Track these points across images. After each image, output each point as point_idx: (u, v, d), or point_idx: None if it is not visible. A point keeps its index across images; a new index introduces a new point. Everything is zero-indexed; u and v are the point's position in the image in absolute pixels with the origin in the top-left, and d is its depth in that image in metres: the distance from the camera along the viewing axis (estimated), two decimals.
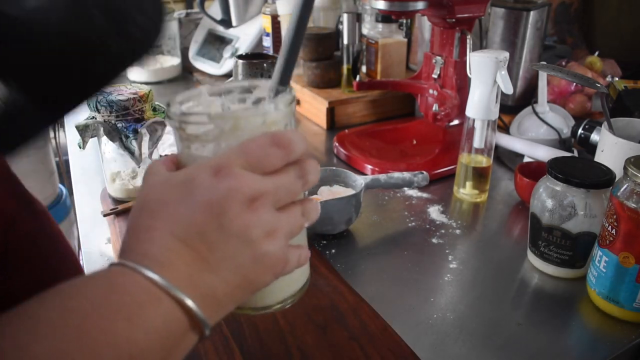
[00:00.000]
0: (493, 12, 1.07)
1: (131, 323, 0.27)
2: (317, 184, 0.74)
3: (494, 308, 0.57)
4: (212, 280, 0.30)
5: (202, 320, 0.30)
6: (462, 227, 0.72)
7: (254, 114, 0.34)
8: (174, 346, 0.29)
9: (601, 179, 0.57)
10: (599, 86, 0.70)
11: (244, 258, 0.31)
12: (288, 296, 0.40)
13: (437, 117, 0.94)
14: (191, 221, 0.30)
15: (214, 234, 0.30)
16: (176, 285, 0.29)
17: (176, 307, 0.29)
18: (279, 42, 1.27)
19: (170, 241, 0.29)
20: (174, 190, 0.31)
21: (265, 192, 0.31)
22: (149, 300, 0.28)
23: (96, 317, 0.26)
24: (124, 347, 0.26)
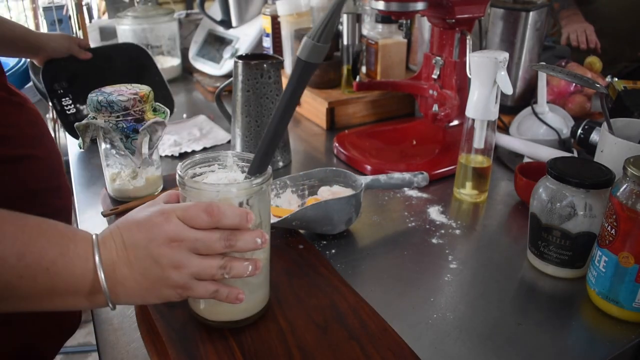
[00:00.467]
0: (492, 12, 1.07)
1: (62, 256, 0.40)
2: (317, 184, 0.74)
3: (493, 308, 0.57)
4: (126, 273, 0.42)
5: (105, 291, 0.42)
6: (462, 227, 0.72)
7: (209, 189, 0.46)
8: (68, 293, 0.41)
9: (601, 179, 0.57)
10: (599, 86, 0.70)
11: (153, 272, 0.43)
12: (241, 319, 0.52)
13: (437, 117, 0.94)
14: (135, 236, 0.43)
15: (141, 249, 0.43)
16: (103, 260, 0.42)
17: (91, 270, 0.41)
18: (279, 43, 1.27)
19: (119, 239, 0.43)
20: (143, 215, 0.44)
21: (184, 238, 0.43)
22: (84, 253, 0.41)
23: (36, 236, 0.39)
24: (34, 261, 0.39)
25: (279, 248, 0.66)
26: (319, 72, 1.12)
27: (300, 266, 0.62)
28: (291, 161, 0.94)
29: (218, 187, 0.46)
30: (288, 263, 0.63)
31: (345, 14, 1.06)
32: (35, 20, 2.54)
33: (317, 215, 0.64)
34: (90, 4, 1.99)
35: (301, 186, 0.74)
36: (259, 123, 0.86)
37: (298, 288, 0.58)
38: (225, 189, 0.45)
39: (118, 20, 1.42)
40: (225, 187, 0.46)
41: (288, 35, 1.21)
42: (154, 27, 1.42)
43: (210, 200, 0.45)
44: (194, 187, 0.46)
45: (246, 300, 0.50)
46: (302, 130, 1.09)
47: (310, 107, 1.14)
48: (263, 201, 0.48)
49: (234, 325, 0.52)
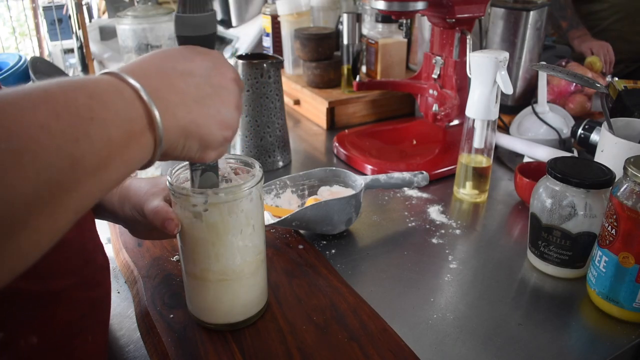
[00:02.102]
0: (493, 12, 1.07)
1: (104, 110, 0.31)
2: (317, 184, 0.74)
3: (494, 308, 0.57)
4: (176, 100, 0.36)
5: (159, 125, 0.34)
6: (462, 227, 0.72)
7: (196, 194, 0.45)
8: (126, 141, 0.33)
9: (601, 179, 0.57)
10: (599, 86, 0.70)
11: (211, 102, 0.38)
12: (239, 320, 0.52)
13: (437, 117, 0.94)
14: (190, 65, 0.38)
15: (200, 77, 0.38)
16: (148, 91, 0.34)
17: (140, 107, 0.34)
18: (279, 42, 1.27)
19: (153, 67, 0.37)
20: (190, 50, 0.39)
21: (241, 86, 0.41)
22: (122, 96, 0.33)
23: (76, 93, 0.30)
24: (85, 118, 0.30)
25: (279, 248, 0.66)
26: (319, 72, 1.12)
27: (300, 266, 0.62)
28: (291, 161, 0.94)
29: (207, 192, 0.45)
30: (288, 263, 0.63)
31: (345, 14, 1.06)
32: (35, 20, 2.54)
33: (317, 215, 0.64)
34: (90, 3, 1.99)
35: (301, 186, 0.74)
36: (259, 123, 0.86)
37: (298, 288, 0.58)
38: (214, 195, 0.45)
39: (118, 20, 1.42)
40: (213, 192, 0.45)
41: (288, 35, 1.21)
42: (154, 27, 1.42)
43: (197, 206, 0.45)
44: (182, 193, 0.45)
45: (244, 302, 0.51)
46: (302, 130, 1.09)
47: (310, 106, 1.14)
48: (253, 205, 0.48)
49: (231, 327, 0.52)
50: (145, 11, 1.41)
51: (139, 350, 0.53)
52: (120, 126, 0.32)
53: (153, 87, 0.35)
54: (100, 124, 0.30)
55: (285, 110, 0.90)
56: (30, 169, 0.26)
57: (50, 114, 0.28)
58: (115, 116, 0.32)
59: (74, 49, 1.44)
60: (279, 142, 0.89)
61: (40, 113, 0.27)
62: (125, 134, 0.32)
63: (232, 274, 0.49)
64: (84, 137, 0.29)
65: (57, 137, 0.28)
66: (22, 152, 0.26)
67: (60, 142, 0.28)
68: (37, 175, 0.26)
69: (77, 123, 0.29)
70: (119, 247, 0.67)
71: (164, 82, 0.36)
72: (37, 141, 0.27)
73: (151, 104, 0.34)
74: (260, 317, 0.53)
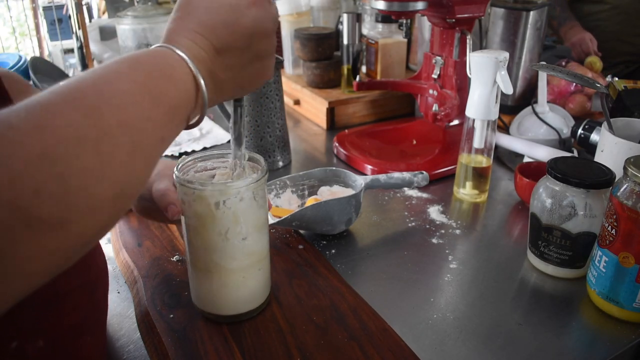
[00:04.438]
0: (493, 12, 1.07)
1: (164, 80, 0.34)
2: (317, 184, 0.74)
3: (494, 308, 0.57)
4: (223, 78, 0.39)
5: (203, 91, 0.37)
6: (462, 227, 0.72)
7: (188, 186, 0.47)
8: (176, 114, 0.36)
9: (601, 179, 0.57)
10: (599, 86, 0.70)
11: (254, 67, 0.41)
12: (243, 312, 0.53)
13: (437, 117, 0.94)
14: (229, 38, 0.39)
15: (243, 49, 0.39)
16: (195, 63, 0.36)
17: (190, 80, 0.36)
18: (279, 42, 1.27)
19: (208, 46, 0.38)
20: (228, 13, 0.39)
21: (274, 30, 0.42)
22: (175, 67, 0.35)
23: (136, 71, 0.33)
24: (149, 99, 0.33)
25: (279, 248, 0.66)
26: (319, 72, 1.12)
27: (300, 266, 0.62)
28: (291, 161, 0.94)
29: (195, 185, 0.46)
30: (288, 263, 0.63)
31: (345, 14, 1.06)
32: (35, 20, 2.54)
33: (317, 215, 0.64)
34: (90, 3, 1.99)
35: (301, 186, 0.74)
36: (259, 123, 0.86)
37: (298, 288, 0.58)
38: (201, 188, 0.46)
39: (118, 20, 1.42)
40: (202, 185, 0.46)
41: (288, 35, 1.21)
42: (154, 27, 1.42)
43: (188, 196, 0.47)
44: (180, 183, 0.47)
45: (248, 293, 0.52)
46: (302, 130, 1.09)
47: (310, 106, 1.14)
48: (245, 205, 0.48)
49: (235, 319, 0.52)
50: (145, 11, 1.41)
51: (139, 350, 0.53)
52: (186, 107, 0.36)
53: (207, 69, 0.38)
54: (181, 110, 0.35)
55: (285, 110, 0.90)
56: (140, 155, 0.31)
57: (151, 104, 0.32)
58: (186, 101, 0.36)
59: (74, 49, 1.44)
60: (279, 142, 0.89)
61: (145, 105, 0.32)
62: (186, 111, 0.37)
63: (234, 265, 0.50)
64: (169, 122, 0.34)
65: (158, 127, 0.33)
66: (135, 143, 0.30)
67: (157, 129, 0.33)
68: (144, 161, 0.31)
69: (169, 111, 0.34)
70: (118, 247, 0.67)
71: (214, 62, 0.39)
72: (141, 128, 0.31)
73: (202, 87, 0.37)
74: (262, 314, 0.53)
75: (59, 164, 0.25)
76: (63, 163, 0.26)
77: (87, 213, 0.27)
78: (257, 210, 0.49)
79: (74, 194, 0.26)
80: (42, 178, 0.25)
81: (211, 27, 0.38)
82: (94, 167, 0.27)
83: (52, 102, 0.27)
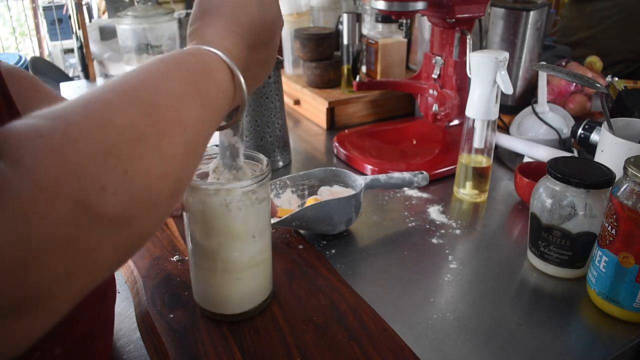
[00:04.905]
0: (493, 12, 1.07)
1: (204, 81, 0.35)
2: (317, 184, 0.74)
3: (494, 308, 0.57)
4: (248, 74, 0.39)
5: (244, 91, 0.38)
6: (462, 227, 0.72)
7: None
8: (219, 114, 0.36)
9: (601, 179, 0.57)
10: (599, 86, 0.70)
11: (269, 64, 0.43)
12: (255, 306, 0.53)
13: (437, 117, 0.94)
14: (259, 35, 0.40)
15: (266, 45, 0.41)
16: (233, 60, 0.37)
17: (230, 79, 0.37)
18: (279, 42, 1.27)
19: (242, 43, 0.39)
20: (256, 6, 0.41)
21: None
22: (215, 68, 0.36)
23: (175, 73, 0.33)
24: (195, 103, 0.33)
25: (279, 248, 0.66)
26: (319, 72, 1.12)
27: (300, 266, 0.62)
28: (291, 161, 0.94)
29: (200, 183, 0.47)
30: (288, 263, 0.63)
31: (345, 14, 1.06)
32: (35, 20, 2.54)
33: (317, 215, 0.64)
34: (90, 3, 1.99)
35: (301, 186, 0.74)
36: (258, 123, 0.86)
37: (298, 288, 0.58)
38: (206, 187, 0.46)
39: (118, 20, 1.42)
40: (207, 184, 0.46)
41: (288, 35, 1.21)
42: (154, 27, 1.42)
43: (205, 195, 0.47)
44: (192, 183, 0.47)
45: (251, 291, 0.52)
46: (302, 130, 1.09)
47: (310, 106, 1.14)
48: (249, 205, 0.48)
49: (237, 318, 0.52)
50: (145, 11, 1.41)
51: (139, 350, 0.53)
52: (226, 106, 0.37)
53: (243, 67, 0.39)
54: (222, 110, 0.36)
55: (285, 110, 0.90)
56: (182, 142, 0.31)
57: (201, 106, 0.33)
58: (226, 101, 0.37)
59: (74, 49, 1.44)
60: (279, 142, 0.89)
61: (197, 106, 0.32)
62: (225, 110, 0.38)
63: (237, 264, 0.50)
64: (213, 121, 0.35)
65: (206, 126, 0.34)
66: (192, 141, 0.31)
67: (205, 128, 0.34)
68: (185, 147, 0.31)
69: (213, 111, 0.35)
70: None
71: (249, 59, 0.40)
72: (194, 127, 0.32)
73: (243, 86, 0.38)
74: (261, 314, 0.53)
75: (124, 161, 0.26)
76: (127, 160, 0.26)
77: (150, 209, 0.28)
78: (262, 209, 0.49)
79: (138, 191, 0.26)
80: (108, 175, 0.25)
81: (247, 24, 0.39)
82: (156, 165, 0.28)
83: (110, 100, 0.28)
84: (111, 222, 0.25)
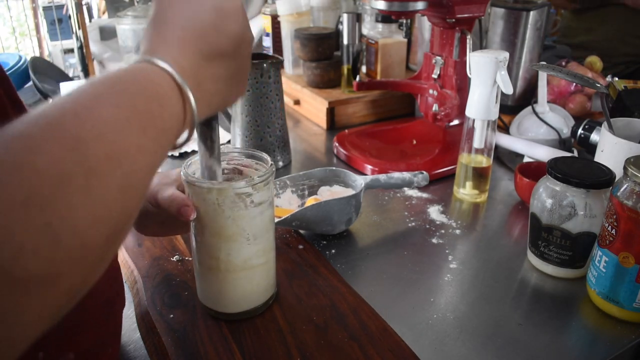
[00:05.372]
0: (493, 12, 1.07)
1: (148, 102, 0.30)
2: (317, 184, 0.74)
3: (494, 308, 0.57)
4: (211, 89, 0.36)
5: (192, 107, 0.33)
6: (462, 227, 0.72)
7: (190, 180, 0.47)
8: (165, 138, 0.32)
9: (601, 179, 0.57)
10: (599, 86, 0.70)
11: (236, 79, 0.38)
12: (253, 307, 0.53)
13: (437, 117, 0.94)
14: (218, 44, 0.36)
15: (228, 57, 0.37)
16: (182, 75, 0.33)
17: (177, 93, 0.33)
18: (279, 42, 1.27)
19: (197, 55, 0.35)
20: (212, 18, 0.36)
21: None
22: (158, 82, 0.32)
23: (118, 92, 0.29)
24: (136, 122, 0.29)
25: (279, 248, 0.66)
26: (319, 72, 1.12)
27: (300, 266, 0.62)
28: (291, 161, 0.94)
29: (204, 183, 0.46)
30: (288, 263, 0.63)
31: (345, 14, 1.06)
32: (35, 20, 2.54)
33: (317, 215, 0.64)
34: (90, 3, 1.99)
35: (301, 186, 0.74)
36: (258, 123, 0.86)
37: (298, 288, 0.58)
38: (210, 186, 0.46)
39: (118, 20, 1.42)
40: (211, 184, 0.46)
41: (288, 35, 1.21)
42: None
43: (210, 195, 0.46)
44: (188, 182, 0.47)
45: (256, 289, 0.53)
46: (302, 130, 1.09)
47: (310, 106, 1.14)
48: (252, 204, 0.48)
49: (241, 316, 0.53)
50: (145, 11, 1.41)
51: (139, 350, 0.53)
52: (175, 128, 0.33)
53: (195, 81, 0.34)
54: (170, 132, 0.32)
55: (285, 110, 0.90)
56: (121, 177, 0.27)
57: (140, 131, 0.29)
58: (175, 122, 0.33)
59: (74, 49, 1.44)
60: (279, 142, 0.89)
61: (133, 132, 0.28)
62: (175, 132, 0.33)
63: (242, 263, 0.50)
64: (159, 147, 0.31)
65: (148, 154, 0.29)
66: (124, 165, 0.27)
67: (148, 157, 0.29)
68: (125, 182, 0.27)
69: (158, 135, 0.30)
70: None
71: (203, 72, 0.35)
72: (132, 159, 0.28)
73: (192, 102, 0.33)
74: (261, 314, 0.53)
75: (45, 211, 0.22)
76: (50, 209, 0.22)
77: (79, 262, 0.24)
78: (258, 212, 0.49)
79: (64, 244, 0.23)
80: (27, 230, 0.21)
81: (200, 31, 0.35)
82: (86, 210, 0.24)
83: (31, 135, 0.23)
84: (32, 284, 0.22)
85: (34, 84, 1.20)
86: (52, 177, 0.23)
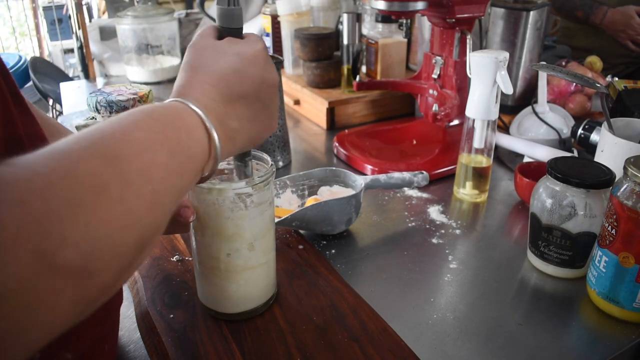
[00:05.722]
0: (493, 12, 1.07)
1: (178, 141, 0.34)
2: (317, 184, 0.74)
3: (494, 308, 0.57)
4: (236, 127, 0.40)
5: (215, 141, 0.37)
6: (462, 227, 0.72)
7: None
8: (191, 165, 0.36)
9: (601, 179, 0.57)
10: (599, 86, 0.70)
11: (261, 117, 0.42)
12: (253, 308, 0.53)
13: (437, 117, 0.94)
14: (240, 87, 0.40)
15: (251, 97, 0.41)
16: (210, 119, 0.37)
17: (203, 127, 0.37)
18: (279, 42, 1.27)
19: (218, 96, 0.39)
20: (233, 61, 0.40)
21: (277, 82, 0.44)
22: (185, 115, 0.36)
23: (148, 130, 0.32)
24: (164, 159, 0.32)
25: (279, 248, 0.66)
26: (319, 72, 1.12)
27: (300, 266, 0.62)
28: (291, 161, 0.94)
29: (204, 184, 0.46)
30: (288, 263, 0.63)
31: (345, 14, 1.06)
32: (35, 20, 2.54)
33: (317, 215, 0.64)
34: (90, 3, 1.99)
35: (301, 186, 0.74)
36: None
37: (298, 288, 0.58)
38: (210, 187, 0.46)
39: (118, 20, 1.42)
40: (211, 184, 0.46)
41: (288, 35, 1.21)
42: (154, 27, 1.42)
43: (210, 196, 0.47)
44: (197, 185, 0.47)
45: (255, 287, 0.53)
46: (302, 130, 1.09)
47: (310, 106, 1.14)
48: (253, 205, 0.48)
49: (242, 316, 0.53)
50: (145, 11, 1.41)
51: (139, 350, 0.53)
52: (200, 158, 0.36)
53: (218, 119, 0.38)
54: (195, 160, 0.36)
55: (285, 110, 0.90)
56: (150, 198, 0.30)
57: (169, 154, 0.32)
58: (200, 152, 0.36)
59: (74, 49, 1.44)
60: (279, 142, 0.89)
61: (163, 155, 0.32)
62: (200, 161, 0.37)
63: (242, 264, 0.50)
64: (185, 172, 0.34)
65: (175, 176, 0.33)
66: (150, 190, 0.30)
67: (174, 178, 0.33)
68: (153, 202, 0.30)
69: (185, 161, 0.34)
70: None
71: (226, 112, 0.39)
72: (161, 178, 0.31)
73: (215, 137, 0.37)
74: (261, 314, 0.53)
75: (86, 212, 0.25)
76: (89, 211, 0.26)
77: (111, 262, 0.27)
78: (258, 213, 0.49)
79: (100, 243, 0.26)
80: (69, 226, 0.25)
81: (222, 75, 0.39)
82: (119, 216, 0.27)
83: (73, 149, 0.27)
84: (71, 274, 0.25)
85: (34, 83, 1.20)
86: (92, 186, 0.26)
